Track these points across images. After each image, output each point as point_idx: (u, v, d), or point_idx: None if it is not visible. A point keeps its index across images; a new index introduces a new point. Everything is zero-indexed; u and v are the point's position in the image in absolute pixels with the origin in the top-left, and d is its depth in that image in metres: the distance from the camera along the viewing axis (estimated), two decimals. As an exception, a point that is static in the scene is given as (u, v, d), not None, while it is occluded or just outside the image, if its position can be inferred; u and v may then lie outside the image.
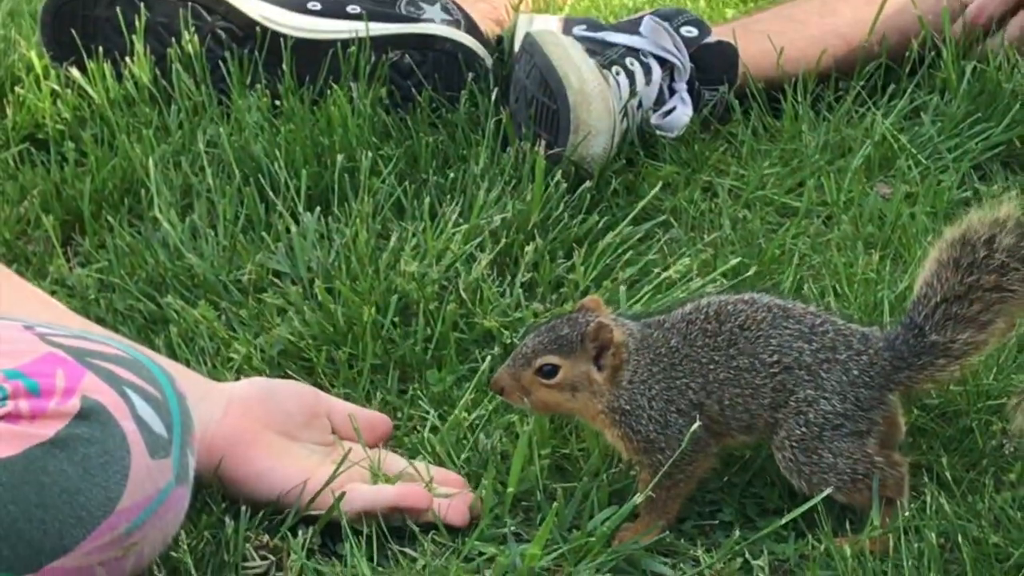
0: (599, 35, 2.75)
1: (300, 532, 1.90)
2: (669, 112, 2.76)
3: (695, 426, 1.91)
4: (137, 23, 2.78)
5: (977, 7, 2.88)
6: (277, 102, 2.73)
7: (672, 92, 2.78)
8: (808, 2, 2.93)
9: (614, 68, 2.66)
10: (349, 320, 2.23)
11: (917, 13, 2.87)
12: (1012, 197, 2.56)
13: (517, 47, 2.73)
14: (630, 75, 2.68)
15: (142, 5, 2.80)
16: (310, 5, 2.81)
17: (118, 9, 2.80)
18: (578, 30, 2.76)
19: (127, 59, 2.80)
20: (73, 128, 2.74)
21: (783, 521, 1.90)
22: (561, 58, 2.57)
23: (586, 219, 2.47)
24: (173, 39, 2.78)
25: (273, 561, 1.90)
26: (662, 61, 2.74)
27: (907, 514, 1.90)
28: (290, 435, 2.01)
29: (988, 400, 2.10)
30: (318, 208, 2.47)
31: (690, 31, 2.79)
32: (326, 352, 2.21)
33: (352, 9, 2.81)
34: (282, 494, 1.94)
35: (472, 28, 2.85)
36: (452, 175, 2.56)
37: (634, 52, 2.72)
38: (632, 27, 2.76)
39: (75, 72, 2.81)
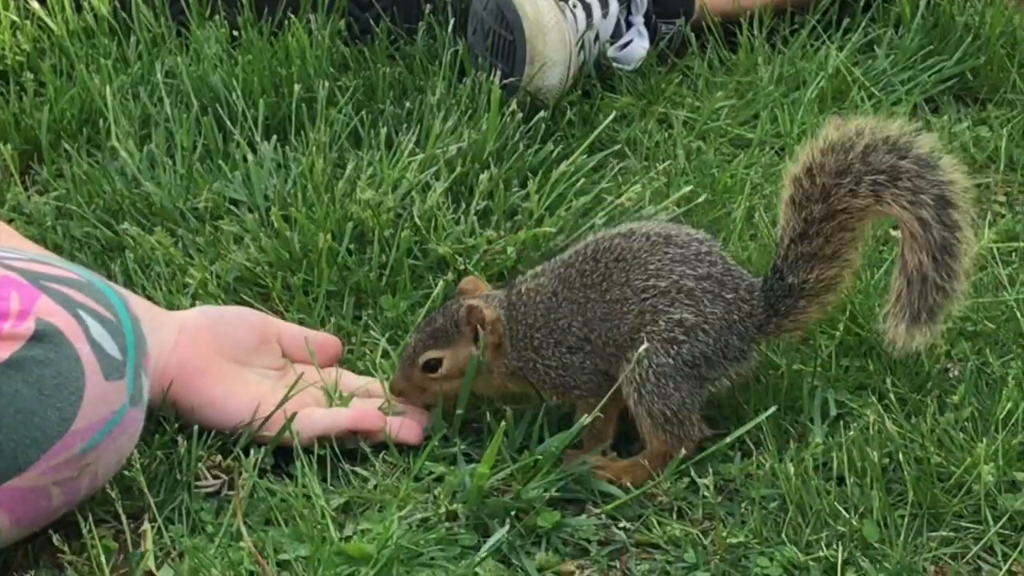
0: (556, -32, 2.75)
1: (252, 452, 1.92)
2: (626, 45, 2.78)
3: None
4: (96, -46, 2.79)
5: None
6: (236, 33, 2.73)
7: (629, 25, 2.79)
8: (765, -64, 2.95)
9: (571, 1, 2.67)
10: (305, 247, 2.25)
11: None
12: (963, 129, 2.61)
13: (475, -21, 2.74)
14: (587, 8, 2.69)
15: (101, -64, 2.80)
16: (269, -63, 2.81)
17: (77, -60, 2.80)
18: (535, -38, 2.76)
19: (86, -10, 2.80)
20: (32, 59, 2.74)
21: (728, 440, 1.92)
22: (518, -10, 2.58)
23: (541, 149, 2.48)
24: (132, -30, 2.79)
25: (225, 480, 1.92)
26: (619, -6, 2.76)
27: (851, 434, 1.94)
28: (241, 361, 2.02)
29: (934, 325, 2.13)
30: (275, 137, 2.47)
31: (647, -36, 2.81)
32: (282, 278, 2.22)
33: (311, -59, 2.81)
34: (235, 420, 1.95)
35: (430, -40, 2.86)
36: (409, 105, 2.57)
37: (591, -15, 2.73)
38: (589, -40, 2.77)
39: (34, 3, 2.80)
